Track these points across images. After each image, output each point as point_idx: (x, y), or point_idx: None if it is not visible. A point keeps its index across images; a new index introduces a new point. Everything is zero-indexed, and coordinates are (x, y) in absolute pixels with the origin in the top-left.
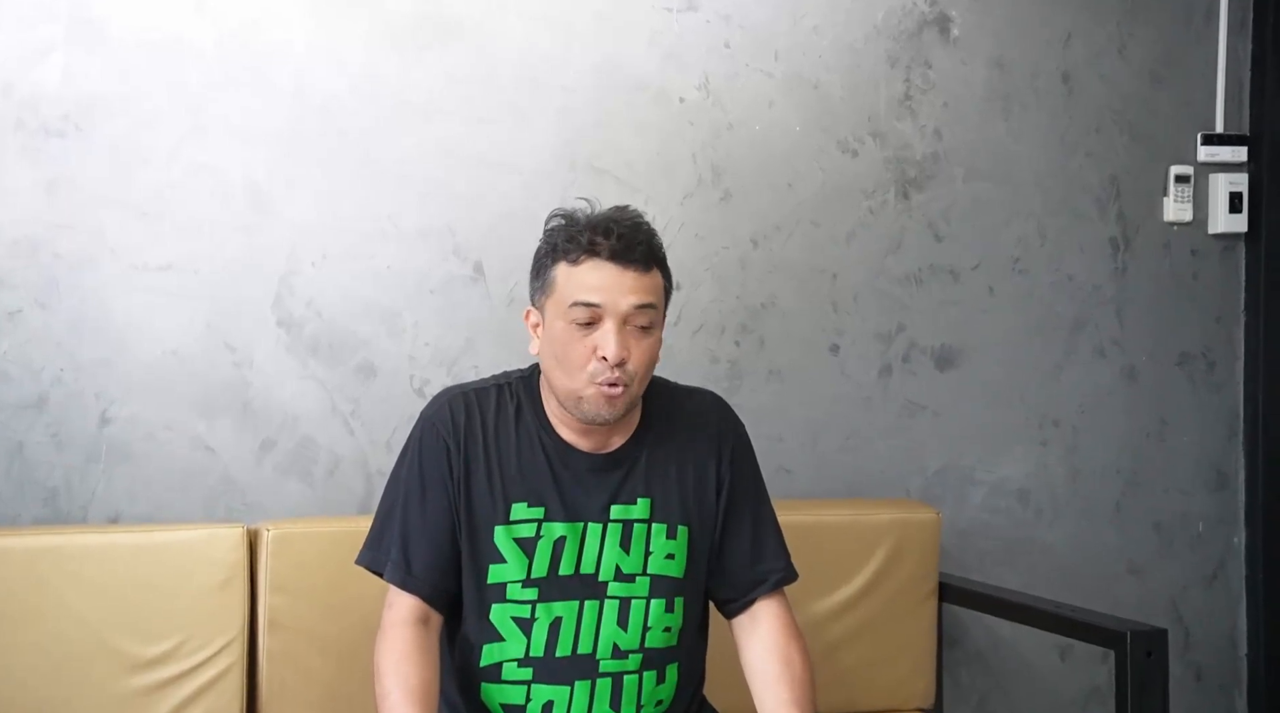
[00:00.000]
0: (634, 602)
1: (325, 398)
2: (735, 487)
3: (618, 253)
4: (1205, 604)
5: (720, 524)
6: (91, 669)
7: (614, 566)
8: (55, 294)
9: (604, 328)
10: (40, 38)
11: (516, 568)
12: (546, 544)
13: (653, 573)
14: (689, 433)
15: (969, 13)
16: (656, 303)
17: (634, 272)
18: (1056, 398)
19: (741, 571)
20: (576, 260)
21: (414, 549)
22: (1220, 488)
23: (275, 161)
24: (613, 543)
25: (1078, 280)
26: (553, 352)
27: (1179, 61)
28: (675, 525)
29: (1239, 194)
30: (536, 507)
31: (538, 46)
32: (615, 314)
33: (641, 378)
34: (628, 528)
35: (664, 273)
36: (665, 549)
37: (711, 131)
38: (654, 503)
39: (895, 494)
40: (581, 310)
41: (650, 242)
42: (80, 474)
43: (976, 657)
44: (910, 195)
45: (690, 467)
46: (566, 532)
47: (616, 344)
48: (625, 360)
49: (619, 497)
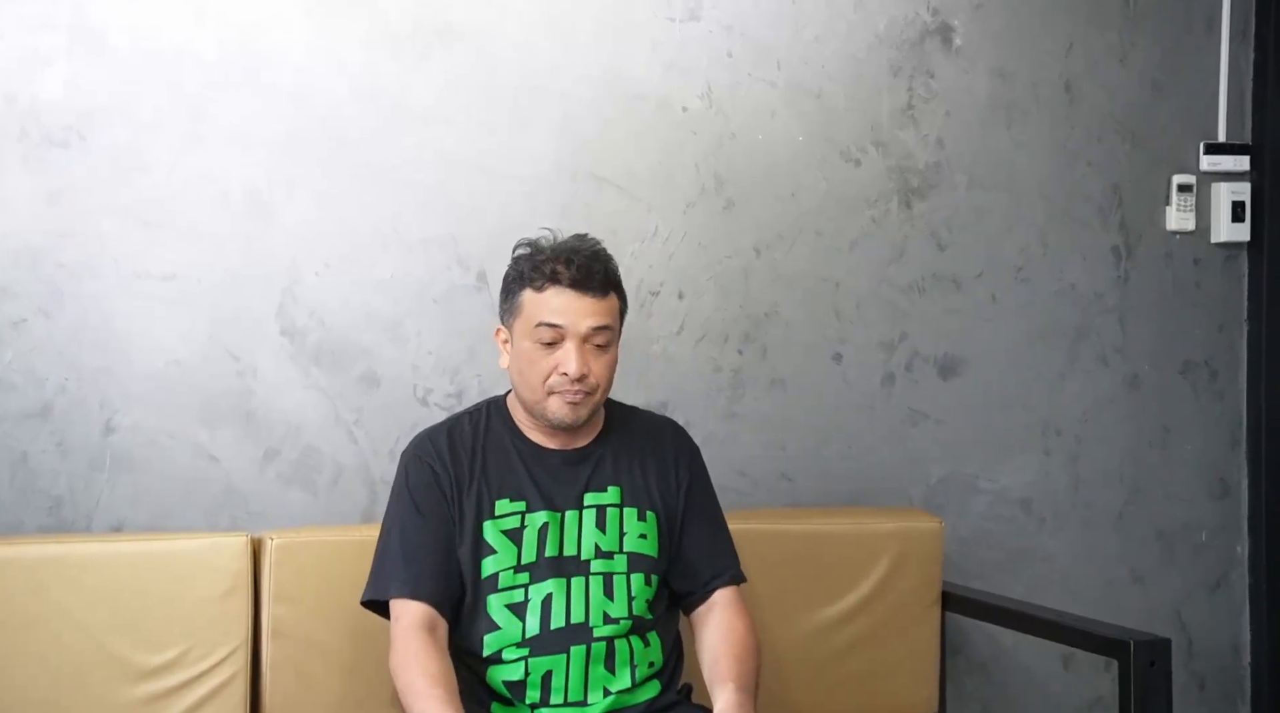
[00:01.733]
0: (615, 577)
1: (328, 407)
2: (693, 491)
3: (578, 281)
4: (1208, 613)
5: (680, 522)
6: (95, 678)
7: (593, 544)
8: (58, 303)
9: (565, 347)
10: (42, 47)
11: (507, 556)
12: (532, 532)
13: (629, 550)
14: (649, 439)
15: (971, 22)
16: (612, 324)
17: (592, 297)
18: (1059, 406)
19: (700, 564)
20: (541, 287)
21: (417, 561)
22: (1223, 496)
23: (276, 170)
24: (590, 525)
25: (1080, 289)
26: (519, 367)
27: (1181, 70)
28: (644, 510)
29: (1241, 203)
30: (518, 501)
31: (539, 54)
32: (575, 335)
33: (603, 387)
34: (602, 512)
35: (619, 296)
36: (638, 530)
37: (714, 141)
38: (623, 490)
39: (898, 503)
40: (546, 331)
41: (607, 269)
42: (84, 483)
43: (979, 666)
44: (913, 204)
45: (653, 462)
46: (548, 519)
47: (577, 362)
48: (586, 375)
49: (591, 485)
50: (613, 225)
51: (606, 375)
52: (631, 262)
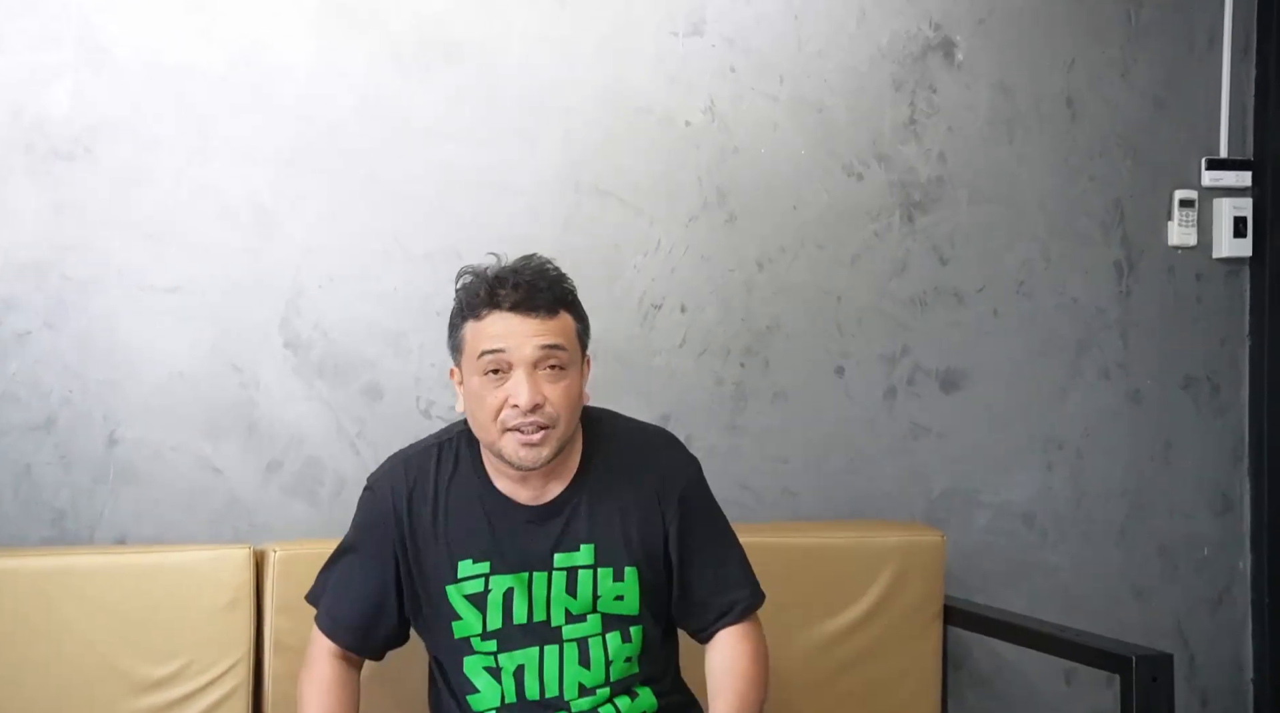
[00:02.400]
0: (590, 641)
1: (331, 419)
2: (687, 531)
3: (519, 303)
4: (1210, 629)
5: (677, 564)
6: (98, 690)
7: (563, 609)
8: (63, 316)
9: (514, 376)
10: (49, 62)
11: (473, 623)
12: (497, 597)
13: (603, 611)
14: (631, 475)
15: (973, 37)
16: (564, 344)
17: (537, 318)
18: (1061, 421)
19: (706, 605)
20: (480, 315)
21: (340, 604)
22: (1225, 512)
23: (281, 184)
24: (559, 589)
25: (1082, 303)
26: (471, 408)
27: (1183, 86)
28: (621, 568)
29: (1243, 218)
30: (481, 562)
31: (542, 69)
32: (523, 361)
33: (566, 419)
34: (573, 574)
35: (575, 315)
36: (613, 592)
37: (717, 154)
38: (598, 548)
39: (900, 516)
40: (489, 359)
41: (555, 287)
42: (87, 495)
43: (982, 680)
44: (915, 218)
45: (634, 509)
46: (514, 583)
47: (528, 390)
48: (540, 404)
49: (561, 545)
50: (615, 239)
51: (566, 404)
52: (634, 275)
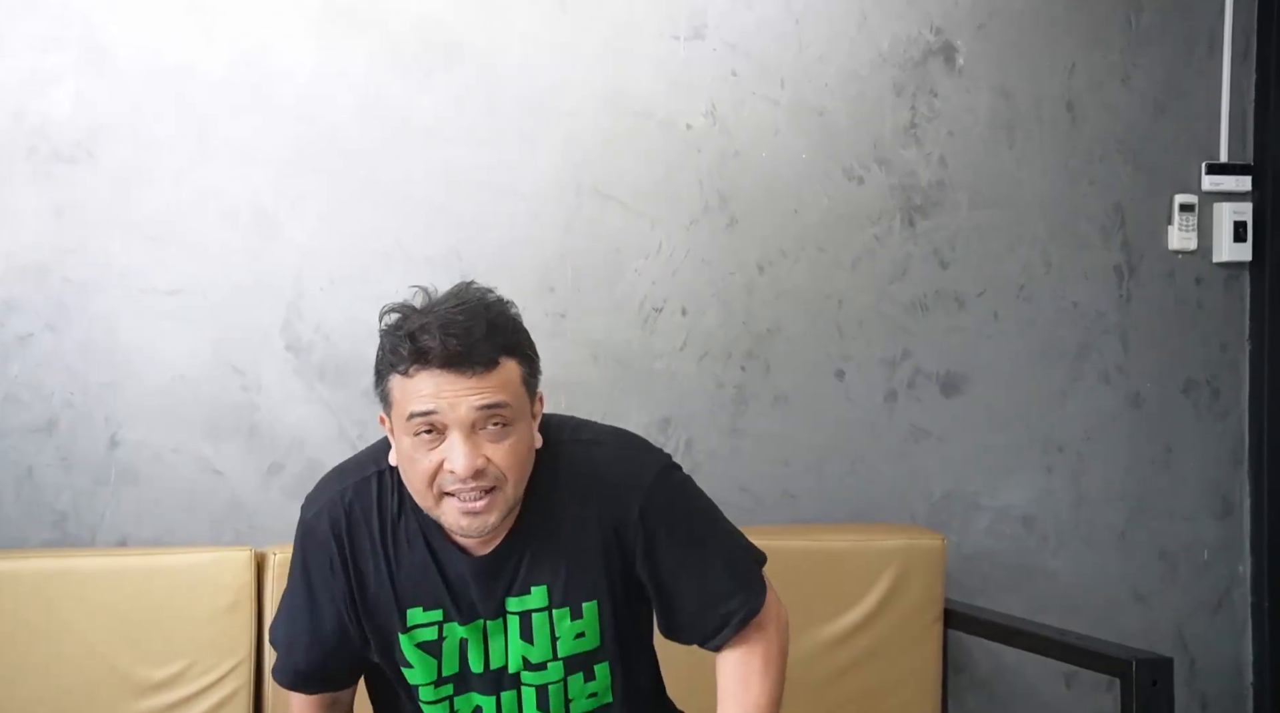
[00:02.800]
0: (551, 687)
1: (332, 421)
2: (654, 550)
3: (451, 359)
4: (1210, 633)
5: (654, 586)
6: (99, 693)
7: (520, 657)
8: (65, 318)
9: (450, 440)
10: (51, 65)
11: (425, 671)
12: (452, 644)
13: (564, 655)
14: (577, 503)
15: (974, 42)
16: (508, 400)
17: (473, 376)
18: (1061, 424)
19: (699, 620)
20: (407, 371)
21: (294, 656)
22: (1225, 515)
23: (282, 186)
24: (514, 636)
25: (1082, 307)
26: (404, 467)
27: (1183, 91)
28: (579, 604)
29: (1243, 223)
30: (433, 609)
31: (544, 72)
32: (458, 422)
33: (515, 480)
34: (526, 619)
35: (520, 357)
36: (573, 631)
37: (718, 158)
38: (550, 588)
39: (900, 520)
40: (420, 422)
41: (493, 334)
42: (89, 497)
43: (982, 684)
44: (915, 222)
45: (583, 540)
46: (467, 634)
47: (466, 456)
48: (483, 468)
49: (512, 589)
50: (616, 242)
51: (513, 464)
52: (635, 278)
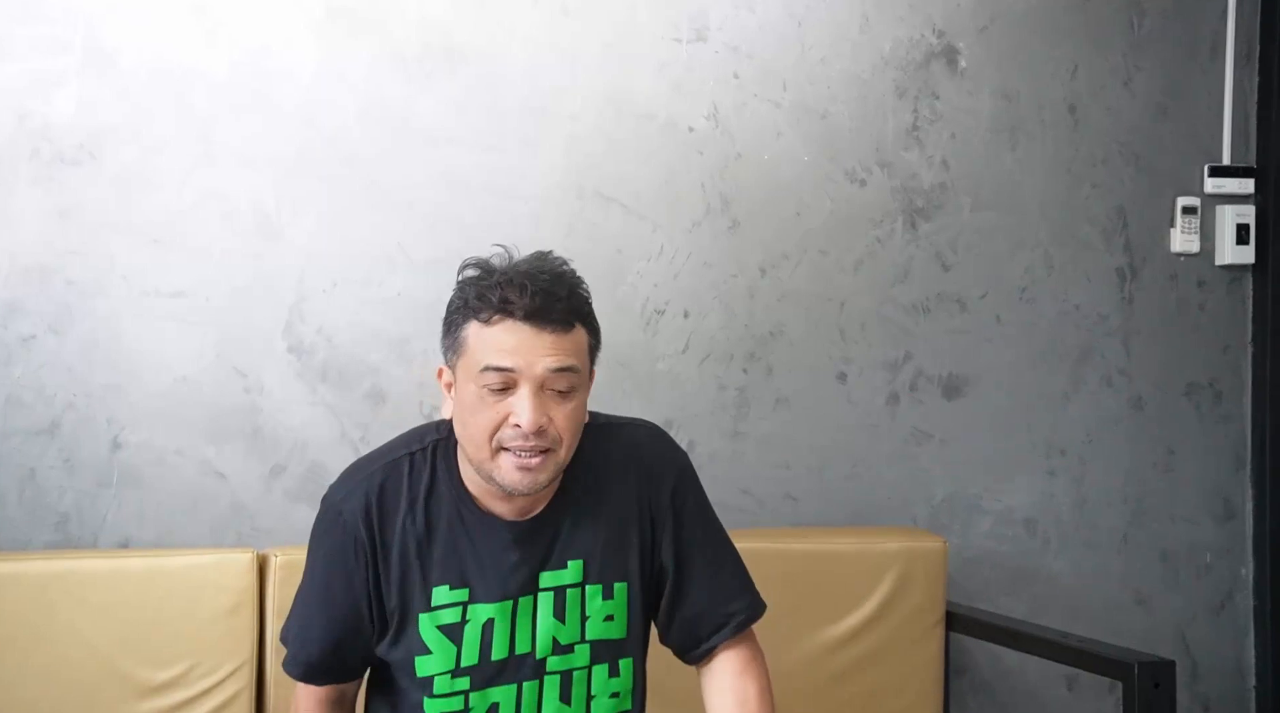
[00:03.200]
0: (575, 673)
1: (335, 424)
2: (680, 535)
3: (534, 313)
4: (1213, 635)
5: (671, 576)
6: (100, 695)
7: (550, 639)
8: (68, 321)
9: (519, 394)
10: (55, 68)
11: (443, 659)
12: (474, 629)
13: (592, 639)
14: (616, 482)
15: (976, 45)
16: (578, 365)
17: (552, 333)
18: (1063, 427)
19: (701, 620)
20: (489, 320)
21: (308, 647)
22: (1228, 518)
23: (284, 189)
24: (546, 614)
25: (1084, 310)
26: (463, 417)
27: (1185, 93)
28: (611, 584)
29: (1246, 225)
30: (460, 589)
31: (546, 75)
32: (531, 379)
33: (568, 444)
34: (560, 595)
35: (589, 328)
36: (603, 612)
37: (720, 161)
38: (586, 564)
39: (902, 522)
40: (494, 375)
41: (572, 297)
42: (91, 499)
43: (983, 686)
44: (918, 225)
45: (620, 519)
46: (495, 613)
47: (533, 411)
48: (544, 428)
49: (548, 563)
50: (619, 245)
51: (570, 429)
52: (637, 280)
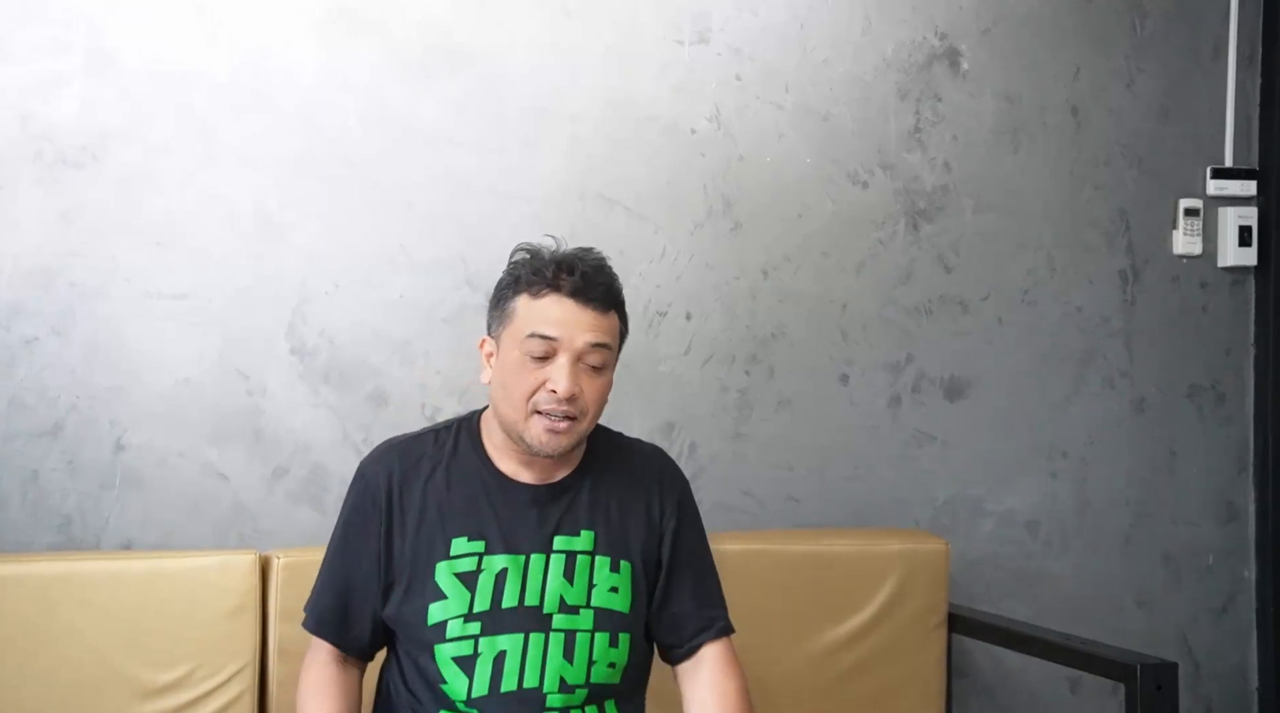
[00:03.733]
0: (579, 635)
1: (337, 426)
2: (680, 536)
3: (579, 291)
4: (1215, 637)
5: (665, 571)
6: (103, 696)
7: (558, 597)
8: (70, 322)
9: (557, 362)
10: (57, 70)
11: (458, 603)
12: (488, 578)
13: (596, 605)
14: (632, 475)
15: (978, 47)
16: (611, 344)
17: (593, 311)
18: (1065, 429)
19: (687, 617)
20: (538, 293)
21: (324, 597)
22: (1230, 520)
23: (286, 190)
24: (556, 573)
25: (1087, 312)
26: (503, 381)
27: (1187, 96)
28: (618, 560)
29: (1248, 227)
30: (477, 540)
31: (548, 76)
32: (570, 350)
33: (592, 416)
34: (571, 559)
35: (621, 316)
36: (609, 582)
37: (722, 162)
38: (597, 536)
39: (904, 524)
40: (538, 343)
41: (611, 284)
42: (94, 501)
43: (986, 688)
44: (920, 227)
45: (633, 506)
46: (508, 564)
47: (569, 379)
48: (576, 396)
49: (562, 528)
50: (621, 246)
51: (597, 402)
52: (639, 282)
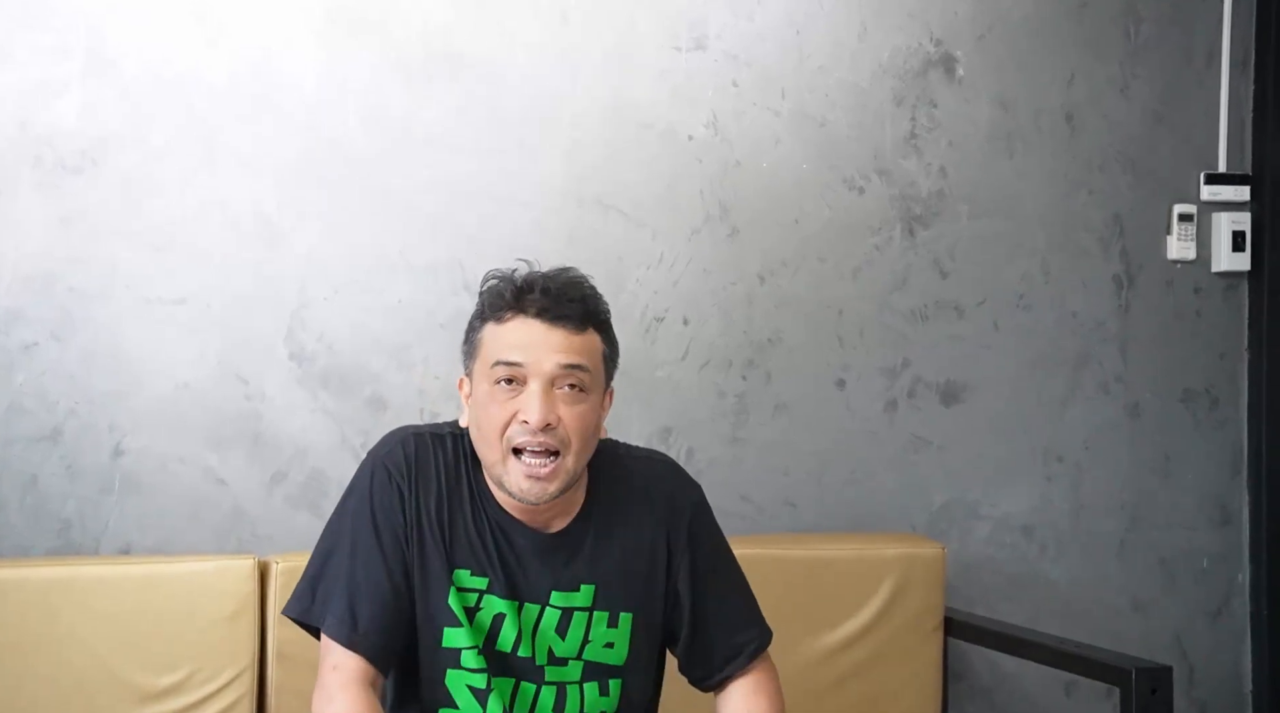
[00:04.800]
0: (569, 687)
1: (336, 431)
2: (696, 567)
3: (546, 309)
4: (1210, 641)
5: (687, 607)
6: (102, 700)
7: (547, 649)
8: (69, 327)
9: (528, 390)
10: (57, 74)
11: (470, 634)
12: (486, 616)
13: (587, 659)
14: (637, 510)
15: (974, 53)
16: (588, 365)
17: (563, 331)
18: (1061, 434)
19: (715, 649)
20: (502, 318)
21: (361, 605)
22: (1224, 524)
23: (286, 195)
24: (549, 627)
25: (1081, 317)
26: (477, 420)
27: (1181, 101)
28: (618, 613)
29: (1242, 232)
30: (480, 577)
31: (546, 83)
32: (540, 375)
33: (578, 451)
34: (567, 615)
35: (604, 337)
36: (605, 638)
37: (719, 168)
38: (597, 590)
39: (900, 529)
40: (503, 370)
41: (587, 301)
42: (93, 506)
43: (982, 692)
44: (915, 232)
45: (637, 548)
46: (506, 609)
47: (540, 407)
48: (553, 425)
49: (561, 583)
50: (618, 252)
51: (581, 431)
52: (637, 288)
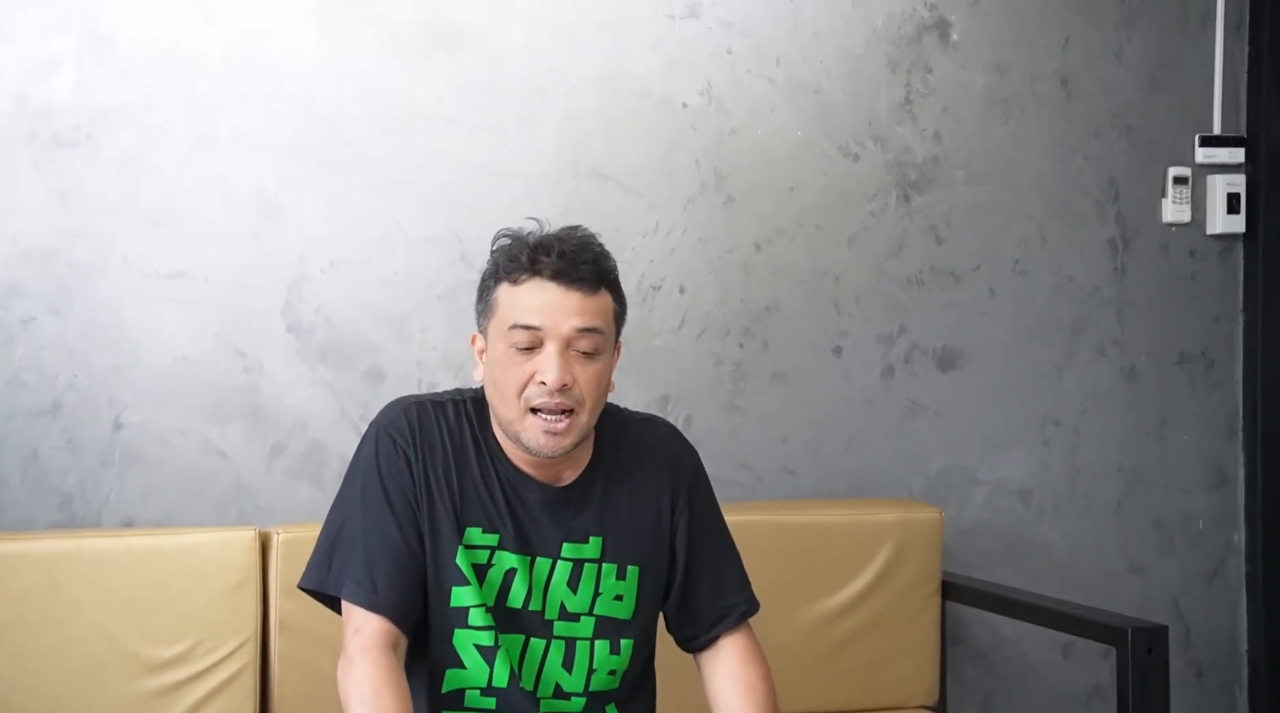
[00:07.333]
0: (579, 643)
1: (335, 403)
2: (694, 526)
3: (561, 272)
4: (1206, 602)
5: (682, 564)
6: (105, 672)
7: (559, 603)
8: (68, 302)
9: (545, 352)
10: (53, 50)
11: (478, 592)
12: (497, 573)
13: (599, 613)
14: (642, 466)
15: (968, 18)
16: (603, 327)
17: (579, 292)
18: (1057, 398)
19: (704, 609)
20: (518, 280)
21: (379, 567)
22: (1220, 486)
23: (283, 170)
24: (561, 580)
25: (1077, 282)
26: (494, 378)
27: (1176, 64)
28: (625, 566)
29: (1236, 195)
30: (491, 533)
31: (541, 55)
32: (557, 337)
33: (591, 408)
34: (578, 567)
35: (615, 295)
36: (614, 590)
37: (714, 137)
38: (605, 542)
39: (898, 494)
40: (521, 333)
41: (599, 262)
42: (94, 479)
43: (980, 655)
44: (911, 198)
45: (643, 503)
46: (517, 564)
47: (558, 368)
48: (569, 386)
49: (572, 534)
50: (615, 222)
51: (594, 390)
52: (633, 257)
